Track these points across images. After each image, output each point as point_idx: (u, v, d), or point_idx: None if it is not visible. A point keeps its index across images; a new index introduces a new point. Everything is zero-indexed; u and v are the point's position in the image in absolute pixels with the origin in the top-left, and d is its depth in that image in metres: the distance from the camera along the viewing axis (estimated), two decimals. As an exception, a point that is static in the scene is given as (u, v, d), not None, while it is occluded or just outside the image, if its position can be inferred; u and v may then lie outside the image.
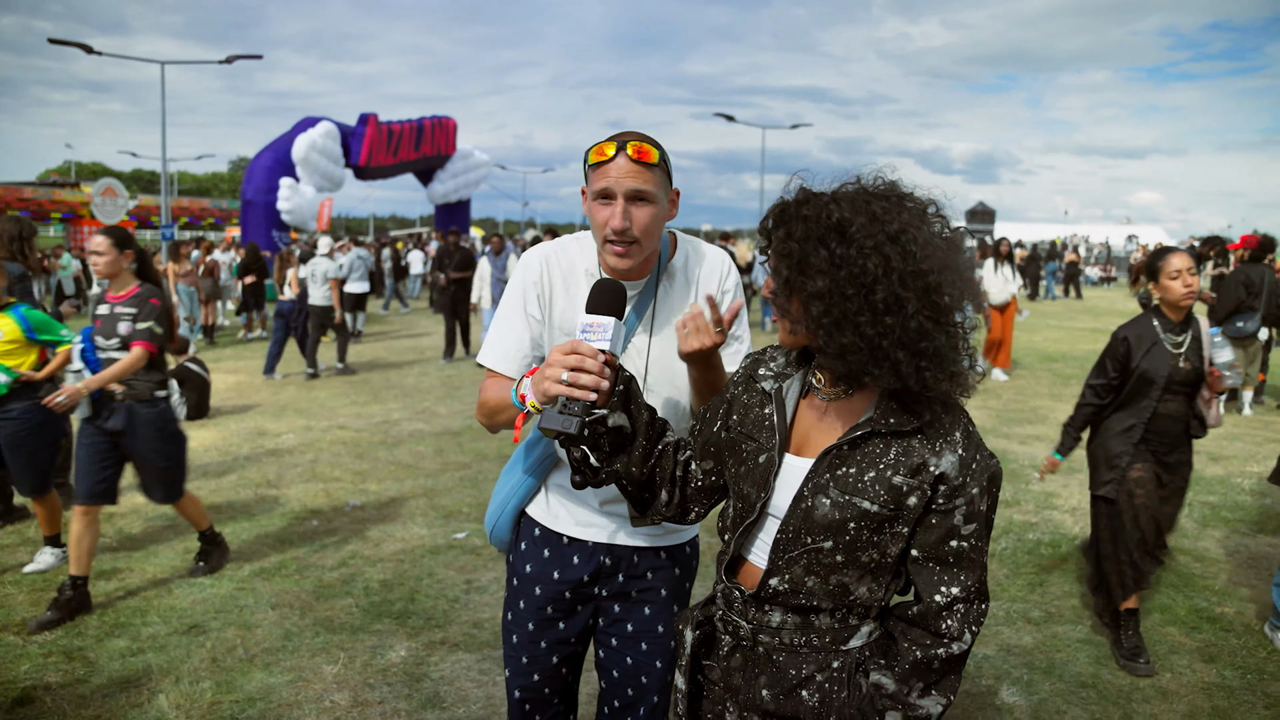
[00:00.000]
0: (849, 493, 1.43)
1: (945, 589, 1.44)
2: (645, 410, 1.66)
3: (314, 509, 5.75)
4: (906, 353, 1.38)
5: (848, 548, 1.45)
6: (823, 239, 1.40)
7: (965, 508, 1.43)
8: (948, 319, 1.40)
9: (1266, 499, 6.20)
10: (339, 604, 4.26)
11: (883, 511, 1.42)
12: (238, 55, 21.47)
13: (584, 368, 1.53)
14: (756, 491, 1.54)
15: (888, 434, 1.45)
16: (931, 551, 1.45)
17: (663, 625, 2.11)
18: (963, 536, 1.44)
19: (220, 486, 6.24)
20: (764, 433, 1.57)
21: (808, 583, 1.48)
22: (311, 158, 24.87)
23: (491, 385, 1.96)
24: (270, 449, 7.39)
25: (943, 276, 1.39)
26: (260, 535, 5.21)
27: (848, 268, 1.38)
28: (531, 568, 2.12)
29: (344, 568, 4.73)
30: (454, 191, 32.55)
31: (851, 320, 1.38)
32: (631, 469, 1.65)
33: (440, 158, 31.29)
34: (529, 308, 2.00)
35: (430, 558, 4.87)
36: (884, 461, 1.44)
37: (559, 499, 2.11)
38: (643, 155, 1.80)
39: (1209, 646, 3.92)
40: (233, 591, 4.38)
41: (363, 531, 5.32)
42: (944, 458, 1.42)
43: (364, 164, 27.33)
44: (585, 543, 2.09)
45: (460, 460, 7.06)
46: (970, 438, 1.45)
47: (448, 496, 6.06)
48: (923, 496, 1.43)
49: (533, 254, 2.04)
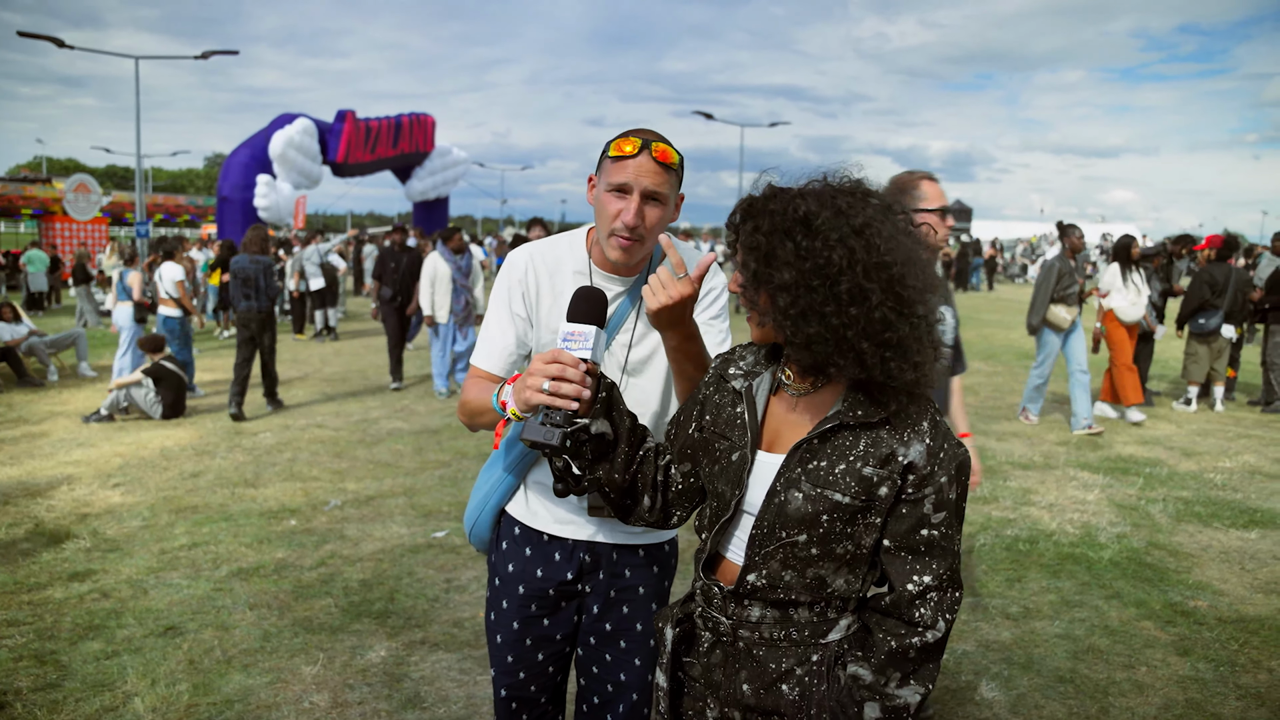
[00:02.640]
0: (821, 485, 1.46)
1: (917, 578, 1.46)
2: (627, 417, 1.66)
3: (292, 508, 5.70)
4: (871, 343, 1.41)
5: (822, 540, 1.47)
6: (789, 232, 1.43)
7: (934, 496, 1.45)
8: (911, 310, 1.42)
9: (1238, 494, 6.29)
10: (318, 604, 4.22)
11: (854, 503, 1.45)
12: (214, 51, 21.25)
13: (565, 377, 1.54)
14: (731, 489, 1.55)
15: (856, 426, 1.47)
16: (903, 541, 1.47)
17: (640, 624, 2.12)
18: (933, 525, 1.46)
19: (197, 486, 6.17)
20: (736, 431, 1.58)
21: (785, 577, 1.50)
22: (289, 154, 24.65)
23: (474, 385, 1.96)
24: (247, 448, 7.32)
25: (906, 269, 1.41)
26: (237, 535, 5.16)
27: (813, 259, 1.40)
28: (514, 567, 2.12)
29: (323, 567, 4.69)
30: (432, 189, 32.35)
31: (817, 311, 1.41)
32: (614, 475, 1.65)
33: (418, 155, 31.08)
34: (514, 306, 2.01)
35: (410, 557, 4.85)
36: (854, 453, 1.46)
37: (538, 497, 2.11)
38: (664, 157, 1.83)
39: (1183, 640, 3.97)
40: (210, 592, 4.33)
41: (341, 531, 5.28)
42: (912, 447, 1.45)
43: (341, 161, 27.10)
44: (565, 540, 2.09)
45: (439, 459, 7.03)
46: (937, 427, 1.47)
47: (427, 495, 6.03)
48: (893, 486, 1.45)
49: (518, 252, 2.04)
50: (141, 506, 5.68)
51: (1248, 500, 6.13)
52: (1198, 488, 6.42)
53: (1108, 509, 5.87)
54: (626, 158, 1.82)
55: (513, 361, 2.01)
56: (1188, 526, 5.57)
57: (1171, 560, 4.96)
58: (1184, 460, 7.21)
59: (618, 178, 1.83)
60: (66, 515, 5.49)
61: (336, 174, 28.34)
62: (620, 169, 1.83)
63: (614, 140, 1.85)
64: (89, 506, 5.68)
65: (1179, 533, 5.45)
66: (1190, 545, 5.23)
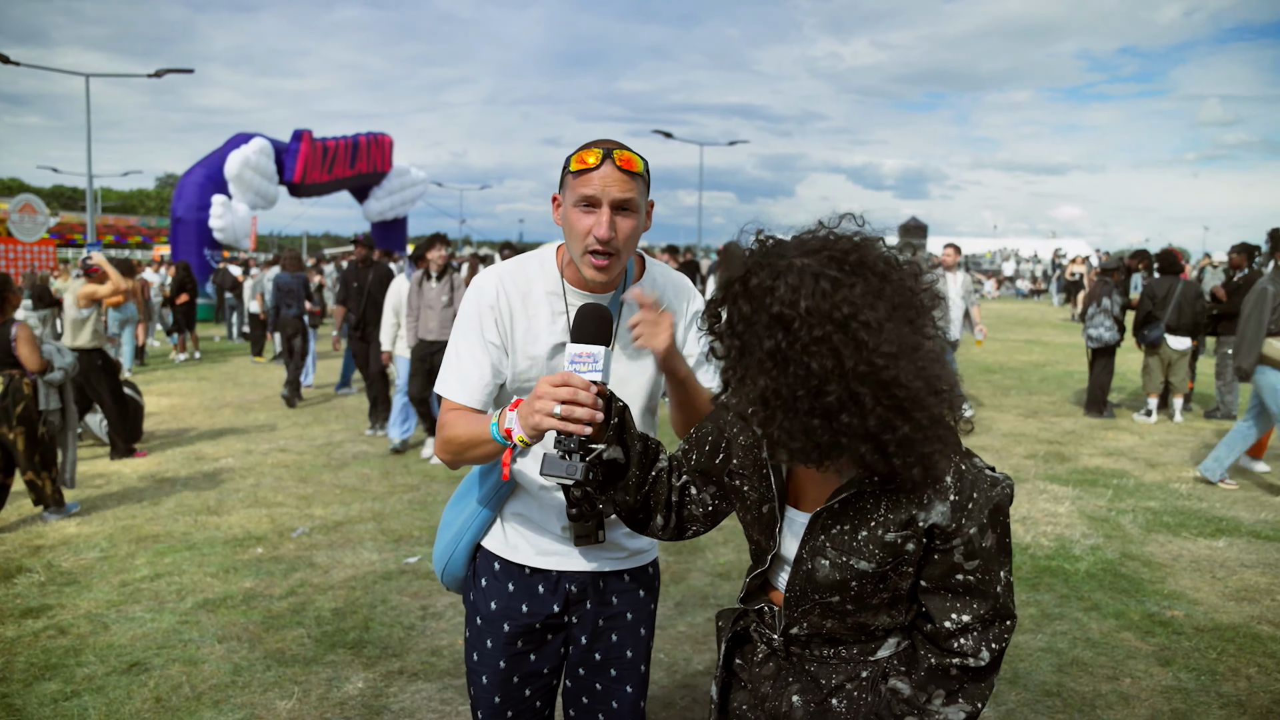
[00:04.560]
0: (845, 553, 1.41)
1: (956, 615, 1.42)
2: (638, 440, 1.61)
3: (258, 535, 5.53)
4: (870, 445, 1.28)
5: (856, 598, 1.44)
6: (768, 328, 1.26)
7: (964, 547, 1.39)
8: (915, 408, 1.26)
9: (1203, 503, 6.39)
10: (290, 635, 4.08)
11: (880, 568, 1.40)
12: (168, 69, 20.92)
13: (578, 401, 1.48)
14: (765, 540, 1.53)
15: (874, 491, 1.40)
16: (937, 583, 1.43)
17: (630, 650, 2.06)
18: (967, 571, 1.40)
19: (157, 514, 5.97)
20: (762, 482, 1.53)
21: (827, 624, 1.49)
22: (245, 175, 24.27)
23: (458, 419, 1.85)
24: (208, 473, 7.11)
25: (904, 366, 1.24)
26: (202, 565, 4.99)
27: (794, 366, 1.24)
28: (496, 604, 2.02)
29: (293, 596, 4.55)
30: (390, 209, 32.06)
31: (802, 423, 1.27)
32: (625, 498, 1.60)
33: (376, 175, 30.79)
34: (487, 333, 1.91)
35: (383, 584, 4.72)
36: (874, 518, 1.40)
37: (517, 529, 2.03)
38: (629, 164, 1.76)
39: (1163, 650, 3.99)
40: (176, 625, 4.17)
41: (310, 558, 5.13)
42: (933, 509, 1.38)
43: (298, 181, 26.74)
44: (549, 572, 2.01)
45: (408, 482, 6.90)
46: (963, 479, 1.39)
47: (397, 520, 5.89)
48: (920, 543, 1.40)
49: (486, 276, 1.95)
50: (99, 536, 5.48)
51: (1213, 509, 6.23)
52: (1164, 498, 6.52)
53: (1080, 521, 5.92)
54: (589, 170, 1.75)
55: (489, 393, 1.91)
56: (1158, 536, 5.64)
57: (1145, 570, 5.01)
58: (1149, 471, 7.32)
59: (584, 191, 1.76)
60: (18, 548, 5.27)
61: (293, 194, 27.95)
62: (585, 182, 1.76)
63: (574, 154, 1.79)
64: (42, 538, 5.46)
65: (1150, 543, 5.51)
66: (1162, 555, 5.28)
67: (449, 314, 7.25)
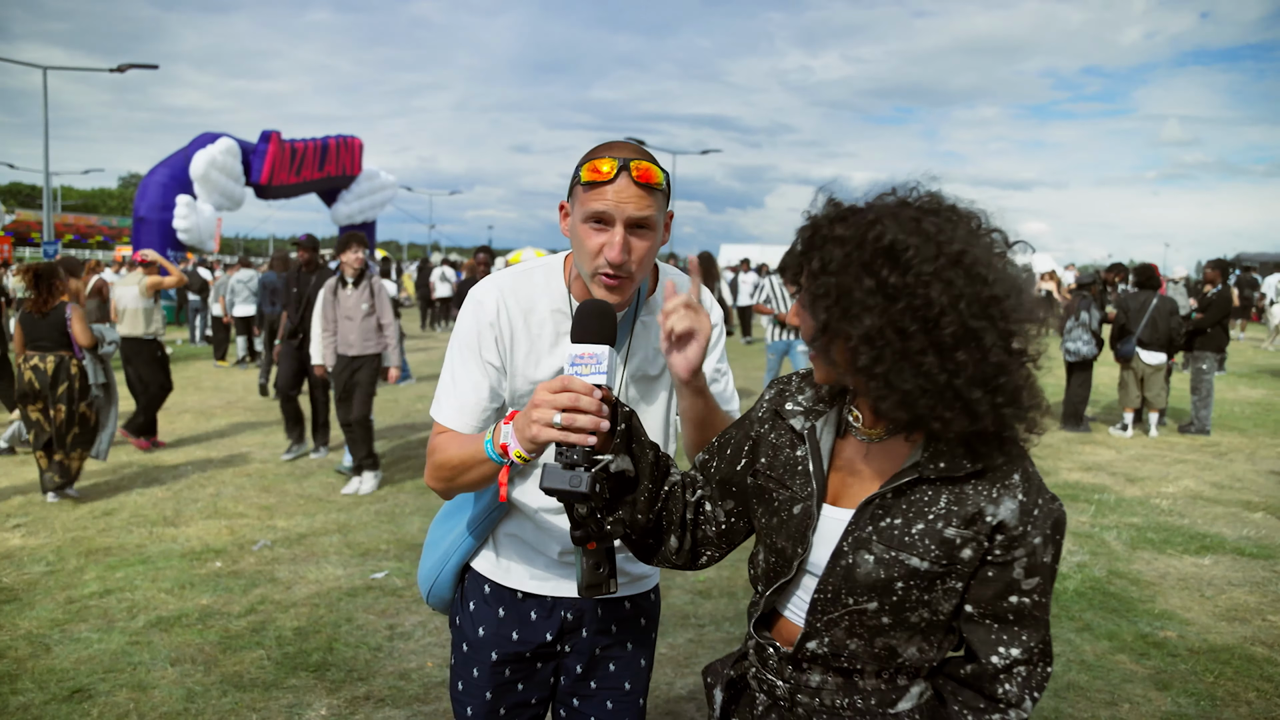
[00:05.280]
0: (895, 548, 1.25)
1: (1004, 650, 1.26)
2: (649, 449, 1.43)
3: (216, 549, 5.26)
4: (984, 390, 1.19)
5: (895, 609, 1.26)
6: (869, 266, 1.19)
7: (1026, 559, 1.25)
8: (1025, 349, 1.22)
9: (1185, 519, 6.33)
10: (248, 657, 3.84)
11: (934, 568, 1.24)
12: (131, 64, 20.43)
13: (580, 407, 1.31)
14: (793, 546, 1.34)
15: (937, 480, 1.26)
16: (988, 608, 1.27)
17: (629, 681, 1.92)
18: (1024, 591, 1.26)
19: (109, 526, 5.68)
20: (797, 479, 1.36)
21: (850, 645, 1.30)
22: (211, 175, 23.85)
23: (448, 442, 1.68)
24: (165, 482, 6.82)
25: (1017, 300, 1.21)
26: (156, 580, 4.72)
27: (906, 299, 1.17)
28: (484, 630, 1.86)
29: (253, 614, 4.30)
30: (359, 213, 31.69)
31: (913, 362, 1.18)
32: (636, 516, 1.42)
33: (345, 178, 30.45)
34: (485, 353, 1.73)
35: (348, 601, 4.49)
36: (933, 511, 1.25)
37: (510, 550, 1.87)
38: (647, 177, 1.56)
39: (1160, 673, 3.88)
40: (124, 647, 3.91)
41: (272, 573, 4.88)
42: (1002, 505, 1.24)
43: (266, 182, 26.36)
44: (543, 598, 1.86)
45: (375, 493, 6.65)
46: (1031, 480, 1.27)
47: (363, 532, 5.66)
48: (978, 549, 1.24)
49: (486, 289, 1.76)
50: (45, 550, 5.18)
51: (1195, 525, 6.17)
52: (1146, 514, 6.45)
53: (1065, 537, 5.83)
54: (603, 183, 1.55)
55: (486, 417, 1.74)
56: (1143, 554, 5.55)
57: (1134, 589, 4.91)
58: (1129, 486, 7.27)
59: (595, 206, 1.56)
60: (-41, 561, 4.97)
61: (260, 196, 27.53)
62: (597, 196, 1.56)
63: (586, 161, 1.59)
64: (-15, 550, 5.16)
65: (1136, 560, 5.42)
66: (1149, 573, 5.19)
67: (370, 325, 6.59)
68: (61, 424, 6.06)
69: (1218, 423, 9.97)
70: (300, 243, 8.19)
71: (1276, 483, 7.46)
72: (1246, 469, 7.98)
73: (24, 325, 6.11)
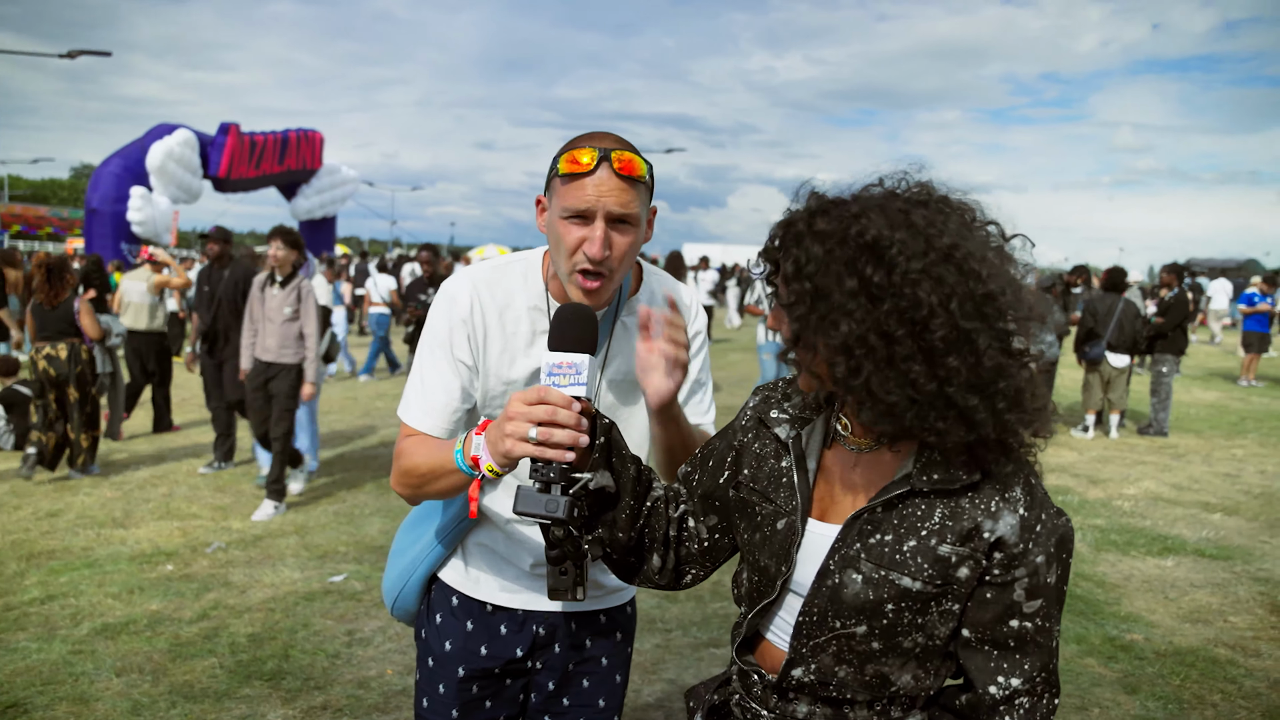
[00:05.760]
0: (885, 566, 1.16)
1: (1003, 679, 1.18)
2: (631, 464, 1.34)
3: (168, 551, 5.08)
4: (981, 396, 1.10)
5: (886, 633, 1.18)
6: (851, 264, 1.10)
7: (1027, 580, 1.16)
8: (1026, 348, 1.15)
9: (1147, 520, 6.39)
10: (200, 665, 3.69)
11: (927, 588, 1.16)
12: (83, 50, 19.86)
13: (557, 421, 1.22)
14: (776, 564, 1.25)
15: (930, 492, 1.17)
16: (986, 632, 1.19)
17: (604, 699, 1.84)
18: (1025, 615, 1.17)
19: (54, 527, 5.46)
20: (781, 492, 1.28)
21: (839, 673, 1.21)
22: (168, 167, 23.29)
23: (416, 446, 1.59)
24: (115, 482, 6.58)
25: (1013, 297, 1.13)
26: (103, 585, 4.53)
27: (892, 300, 1.08)
28: (452, 644, 1.77)
29: (205, 621, 4.14)
30: (319, 208, 31.17)
31: (899, 370, 1.09)
32: (617, 534, 1.33)
33: (305, 172, 29.91)
34: (457, 351, 1.64)
35: (305, 605, 4.34)
36: (926, 526, 1.17)
37: (480, 561, 1.78)
38: (629, 169, 1.48)
39: (1128, 677, 3.87)
40: (66, 656, 3.73)
41: (226, 576, 4.71)
42: (1001, 520, 1.16)
43: (224, 175, 25.80)
44: (514, 611, 1.77)
45: (332, 492, 6.49)
46: (1034, 493, 1.18)
47: (321, 534, 5.50)
48: (976, 567, 1.16)
49: (459, 284, 1.66)
50: (-15, 552, 4.96)
51: (1156, 527, 6.23)
52: (1109, 516, 6.50)
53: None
54: (581, 175, 1.47)
55: (457, 420, 1.64)
56: (1108, 556, 5.58)
57: (1100, 591, 4.92)
58: (1091, 488, 7.33)
59: (574, 201, 1.47)
60: (-108, 564, 4.74)
61: (218, 189, 26.97)
62: (575, 190, 1.47)
63: (564, 152, 1.50)
64: (-79, 553, 4.92)
65: (1101, 563, 5.44)
66: (1114, 575, 5.22)
67: (292, 331, 5.86)
68: (73, 406, 6.48)
69: (1174, 424, 10.11)
70: (210, 235, 7.28)
71: (1231, 484, 7.57)
72: (1203, 470, 8.09)
73: (35, 316, 6.49)
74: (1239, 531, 6.15)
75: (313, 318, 5.92)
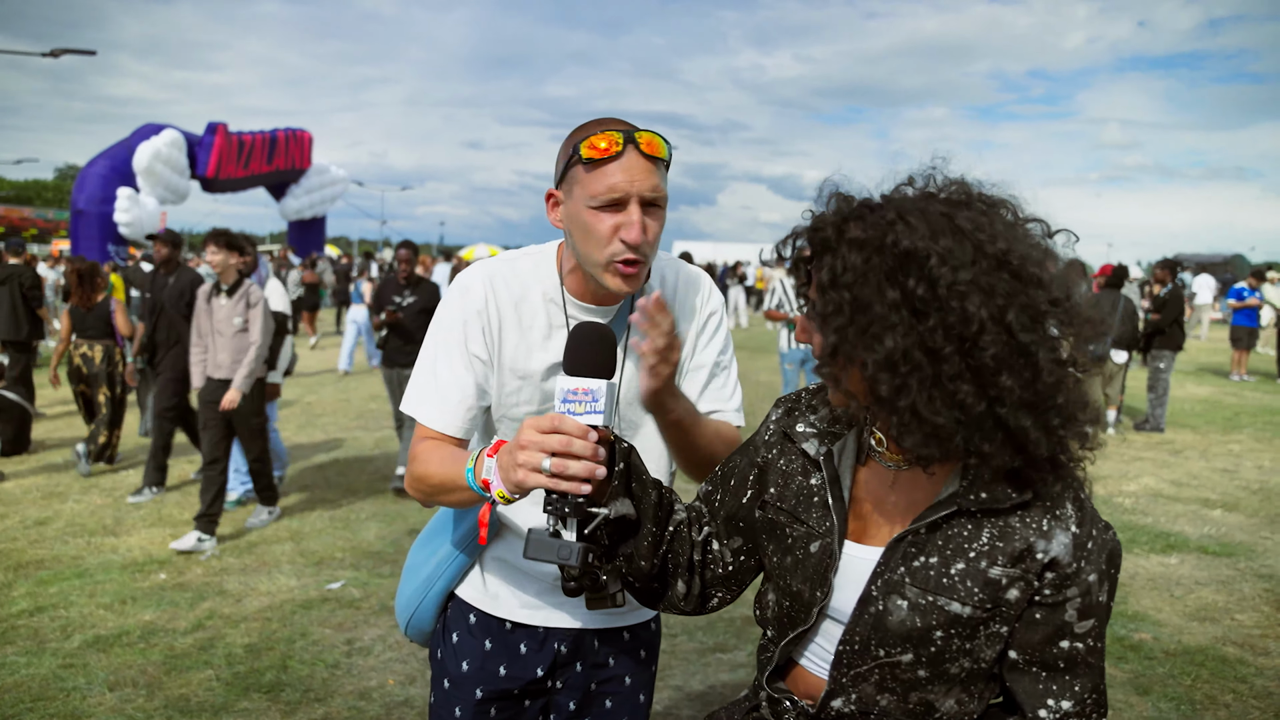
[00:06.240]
0: (932, 591, 1.10)
1: (1053, 702, 1.13)
2: (652, 488, 1.27)
3: (161, 559, 4.99)
4: (1035, 416, 1.03)
5: (933, 660, 1.11)
6: (892, 275, 1.03)
7: (1080, 600, 1.11)
8: (1074, 358, 1.08)
9: (1148, 518, 6.36)
10: (196, 678, 3.60)
11: (977, 613, 1.10)
12: (66, 49, 19.63)
13: (572, 452, 1.15)
14: (810, 590, 1.18)
15: (977, 512, 1.11)
16: (1035, 654, 1.13)
17: (628, 718, 1.76)
18: (1076, 636, 1.12)
19: (43, 535, 5.36)
20: (814, 513, 1.21)
21: (880, 701, 1.15)
22: (155, 168, 23.11)
23: (432, 451, 1.51)
24: (105, 488, 6.48)
25: (1072, 304, 1.08)
26: (94, 595, 4.44)
27: (937, 315, 1.01)
28: (469, 665, 1.69)
29: (200, 631, 4.05)
30: (309, 208, 31.00)
31: (946, 390, 1.02)
32: (639, 563, 1.26)
33: (295, 172, 29.74)
34: (471, 345, 1.56)
35: (302, 614, 4.26)
36: (974, 548, 1.11)
37: (498, 576, 1.70)
38: (654, 149, 1.43)
39: (1139, 677, 3.83)
40: (56, 670, 3.63)
41: (220, 584, 4.63)
42: (1054, 539, 1.10)
43: (212, 175, 25.63)
44: (535, 628, 1.69)
45: (327, 496, 6.40)
46: (1084, 510, 1.13)
47: (317, 539, 5.41)
48: (1026, 589, 1.10)
49: (473, 275, 1.60)
50: (-27, 562, 4.86)
51: (1158, 524, 6.20)
52: (1110, 513, 6.46)
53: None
54: (609, 159, 1.40)
55: (473, 417, 1.58)
56: (1111, 553, 5.55)
57: (1106, 590, 4.89)
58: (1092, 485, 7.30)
59: (604, 189, 1.41)
60: (-123, 576, 4.63)
61: (206, 189, 26.79)
62: (604, 177, 1.41)
63: (583, 139, 1.42)
64: (-93, 564, 4.82)
65: (1105, 560, 5.41)
66: (1120, 574, 5.18)
67: (241, 344, 5.25)
68: (103, 403, 6.99)
69: (1170, 420, 10.11)
70: (158, 237, 6.53)
71: (1230, 480, 7.56)
72: (1201, 466, 8.08)
73: (73, 317, 7.10)
74: (1240, 528, 6.13)
75: (259, 327, 5.26)
